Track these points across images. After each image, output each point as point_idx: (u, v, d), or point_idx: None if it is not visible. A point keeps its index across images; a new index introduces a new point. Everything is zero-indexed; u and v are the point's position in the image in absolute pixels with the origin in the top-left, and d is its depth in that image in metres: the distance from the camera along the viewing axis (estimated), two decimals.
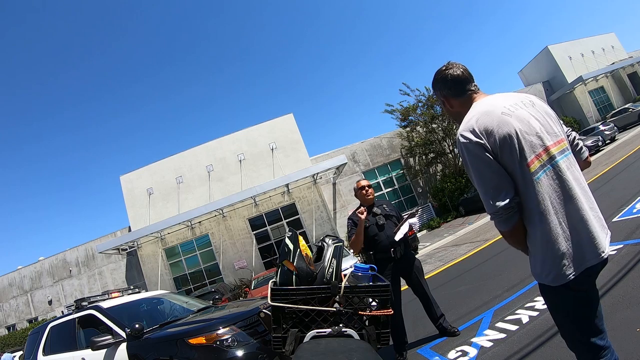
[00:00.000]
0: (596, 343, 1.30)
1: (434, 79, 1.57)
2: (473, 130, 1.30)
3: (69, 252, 18.51)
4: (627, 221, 4.76)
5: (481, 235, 9.30)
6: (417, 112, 17.15)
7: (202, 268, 16.89)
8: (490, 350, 2.89)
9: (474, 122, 1.32)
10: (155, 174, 17.51)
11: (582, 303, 1.31)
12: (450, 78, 1.50)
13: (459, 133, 1.34)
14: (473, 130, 1.30)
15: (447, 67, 1.53)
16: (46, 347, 4.28)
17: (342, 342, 1.79)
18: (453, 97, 1.52)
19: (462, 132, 1.33)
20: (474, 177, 1.31)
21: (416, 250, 3.91)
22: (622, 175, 8.48)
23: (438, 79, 1.55)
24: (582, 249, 1.25)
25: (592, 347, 1.31)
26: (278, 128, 17.92)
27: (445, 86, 1.52)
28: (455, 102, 1.52)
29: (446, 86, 1.52)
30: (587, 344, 1.31)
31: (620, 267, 3.40)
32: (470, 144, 1.29)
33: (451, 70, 1.50)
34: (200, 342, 3.04)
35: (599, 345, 1.30)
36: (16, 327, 18.34)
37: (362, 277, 2.34)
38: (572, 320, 1.33)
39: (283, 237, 2.21)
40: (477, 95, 1.49)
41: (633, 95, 24.00)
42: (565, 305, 1.32)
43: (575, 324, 1.33)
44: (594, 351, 1.31)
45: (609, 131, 16.87)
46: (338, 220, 17.27)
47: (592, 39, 26.13)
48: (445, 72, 1.52)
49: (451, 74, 1.50)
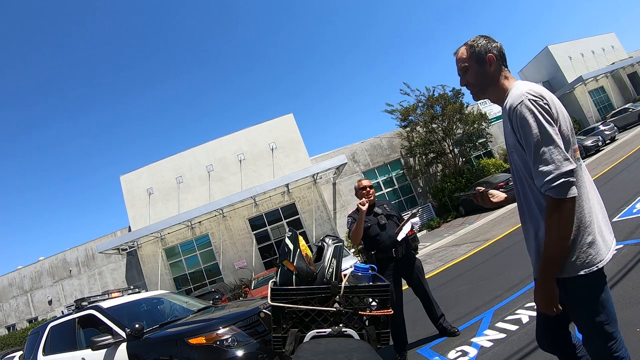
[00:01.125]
0: (618, 332, 1.34)
1: (490, 38, 1.50)
2: (540, 94, 1.28)
3: (69, 252, 18.51)
4: (627, 221, 4.76)
5: (481, 235, 9.30)
6: (417, 112, 17.14)
7: (202, 268, 16.89)
8: (490, 350, 2.90)
9: (537, 88, 1.30)
10: (155, 174, 17.51)
11: (607, 289, 1.34)
12: (502, 49, 1.49)
13: (526, 92, 1.29)
14: (540, 94, 1.28)
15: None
16: (46, 347, 4.28)
17: (342, 342, 1.79)
18: (498, 61, 1.46)
19: (530, 92, 1.28)
20: (541, 137, 1.23)
21: (416, 250, 3.92)
22: (622, 175, 8.48)
23: (495, 41, 1.49)
24: (604, 238, 1.33)
25: (618, 335, 1.33)
26: (278, 128, 17.92)
27: (497, 50, 1.47)
28: (497, 66, 1.46)
29: (498, 50, 1.47)
30: (616, 332, 1.32)
31: (620, 267, 3.41)
32: (541, 101, 1.27)
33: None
34: (200, 342, 3.04)
35: (619, 335, 1.34)
36: (16, 327, 18.33)
37: (362, 277, 2.34)
38: (604, 308, 1.31)
39: (283, 237, 2.20)
40: (510, 77, 1.48)
41: (633, 95, 24.01)
42: (601, 290, 1.31)
43: (607, 312, 1.31)
44: (619, 339, 1.33)
45: (609, 131, 16.87)
46: (338, 220, 17.27)
47: (592, 39, 26.15)
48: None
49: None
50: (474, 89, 1.53)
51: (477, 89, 1.52)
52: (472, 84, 1.51)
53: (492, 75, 1.46)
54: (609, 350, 1.31)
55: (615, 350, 1.31)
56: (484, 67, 1.46)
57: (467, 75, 1.51)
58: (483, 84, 1.49)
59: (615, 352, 1.31)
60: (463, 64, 1.50)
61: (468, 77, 1.51)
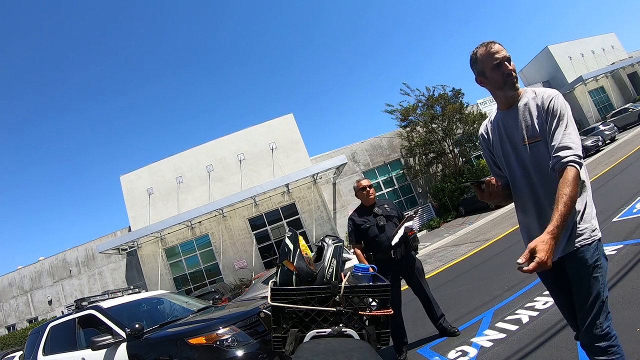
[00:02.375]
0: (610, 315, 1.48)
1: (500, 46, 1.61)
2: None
3: (69, 252, 18.52)
4: (627, 221, 4.76)
5: (481, 235, 9.30)
6: (417, 112, 17.15)
7: (202, 268, 16.90)
8: (490, 350, 2.90)
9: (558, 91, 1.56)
10: (155, 174, 17.52)
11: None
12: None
13: (560, 94, 1.55)
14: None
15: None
16: (46, 347, 4.28)
17: (342, 342, 1.79)
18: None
19: (561, 94, 1.55)
20: (570, 122, 1.45)
21: (416, 250, 3.92)
22: (622, 175, 8.49)
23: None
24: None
25: (611, 317, 1.46)
26: (278, 128, 17.93)
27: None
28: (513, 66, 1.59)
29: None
30: (610, 314, 1.46)
31: (620, 267, 3.40)
32: (566, 100, 1.53)
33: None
34: (200, 342, 3.04)
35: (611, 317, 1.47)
36: (16, 327, 18.35)
37: (362, 277, 2.34)
38: (605, 285, 1.46)
39: (283, 237, 2.20)
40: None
41: (633, 95, 24.02)
42: (606, 260, 1.50)
43: (606, 288, 1.46)
44: (611, 320, 1.46)
45: (609, 131, 16.88)
46: (338, 220, 17.28)
47: (592, 39, 26.17)
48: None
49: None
50: (516, 79, 1.60)
51: (517, 80, 1.60)
52: (514, 74, 1.58)
53: (509, 72, 1.57)
54: (608, 328, 1.41)
55: (612, 329, 1.43)
56: (509, 64, 1.58)
57: (511, 65, 1.57)
58: (498, 78, 1.59)
59: (612, 330, 1.42)
60: (507, 53, 1.56)
61: (512, 67, 1.57)
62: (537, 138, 1.50)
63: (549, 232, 1.27)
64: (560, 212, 1.30)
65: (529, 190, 1.58)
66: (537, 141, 1.51)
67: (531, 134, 1.52)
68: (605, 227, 4.81)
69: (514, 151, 1.59)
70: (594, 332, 1.41)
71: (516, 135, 1.58)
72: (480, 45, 1.60)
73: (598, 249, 1.45)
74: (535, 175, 1.54)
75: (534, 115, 1.52)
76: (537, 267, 1.22)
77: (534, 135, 1.51)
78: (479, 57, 1.59)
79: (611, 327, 1.42)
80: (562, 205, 1.31)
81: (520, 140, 1.56)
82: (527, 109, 1.55)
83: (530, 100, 1.55)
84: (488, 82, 1.61)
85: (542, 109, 1.49)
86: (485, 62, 1.58)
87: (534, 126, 1.52)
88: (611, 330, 1.42)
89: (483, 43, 1.60)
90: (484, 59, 1.58)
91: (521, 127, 1.56)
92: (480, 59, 1.59)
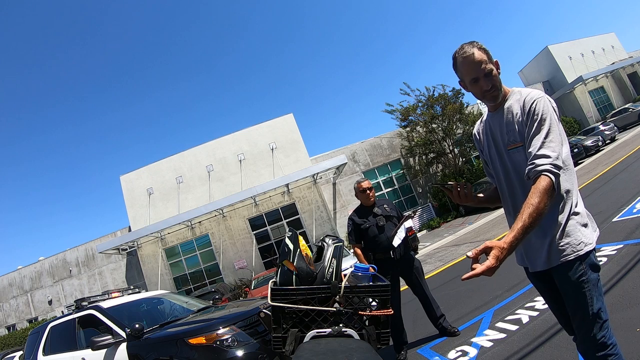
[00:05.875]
0: (609, 322, 1.41)
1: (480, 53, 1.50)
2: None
3: (69, 252, 18.51)
4: (627, 221, 4.76)
5: (481, 235, 9.30)
6: (417, 112, 17.15)
7: (202, 268, 16.89)
8: (490, 350, 2.90)
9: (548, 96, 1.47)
10: (155, 173, 17.51)
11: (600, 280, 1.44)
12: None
13: (545, 96, 1.44)
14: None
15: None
16: (46, 347, 4.28)
17: (342, 342, 1.79)
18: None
19: (549, 98, 1.44)
20: (552, 132, 1.35)
21: (416, 250, 3.92)
22: (622, 175, 8.48)
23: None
24: (592, 222, 1.49)
25: (609, 325, 1.40)
26: (278, 128, 17.92)
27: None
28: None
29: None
30: (609, 321, 1.38)
31: (620, 267, 3.41)
32: (554, 105, 1.41)
33: None
34: (200, 342, 3.04)
35: (610, 325, 1.41)
36: (16, 327, 18.33)
37: (362, 277, 2.34)
38: (601, 295, 1.39)
39: (283, 237, 2.20)
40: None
41: (633, 95, 24.00)
42: (599, 270, 1.42)
43: (602, 298, 1.40)
44: (610, 328, 1.40)
45: (609, 131, 16.88)
46: (338, 220, 17.27)
47: (592, 39, 26.14)
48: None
49: None
50: (496, 93, 1.48)
51: (498, 93, 1.49)
52: (496, 87, 1.47)
53: (498, 75, 1.49)
54: (603, 337, 1.35)
55: (609, 336, 1.37)
56: (498, 70, 1.48)
57: (492, 79, 1.46)
58: (500, 87, 1.49)
59: (610, 338, 1.36)
60: (487, 65, 1.44)
61: (494, 81, 1.46)
62: (518, 144, 1.43)
63: (506, 242, 1.19)
64: (524, 224, 1.21)
65: (509, 195, 1.54)
66: (517, 146, 1.43)
67: (512, 139, 1.45)
68: (605, 227, 4.81)
69: (498, 155, 1.55)
70: (589, 343, 1.37)
71: (500, 139, 1.52)
72: (460, 50, 1.46)
73: (583, 263, 1.37)
74: (517, 181, 1.48)
75: (516, 118, 1.43)
76: (485, 272, 1.16)
77: (514, 141, 1.44)
78: (458, 66, 1.50)
79: (608, 336, 1.36)
80: (527, 216, 1.22)
81: (503, 145, 1.50)
82: (510, 112, 1.46)
83: (514, 103, 1.46)
84: (468, 90, 1.54)
85: (524, 112, 1.40)
86: (464, 73, 1.48)
87: (514, 130, 1.44)
88: (608, 339, 1.35)
89: (463, 47, 1.47)
90: (462, 69, 1.48)
91: (503, 131, 1.49)
92: (460, 68, 1.49)
